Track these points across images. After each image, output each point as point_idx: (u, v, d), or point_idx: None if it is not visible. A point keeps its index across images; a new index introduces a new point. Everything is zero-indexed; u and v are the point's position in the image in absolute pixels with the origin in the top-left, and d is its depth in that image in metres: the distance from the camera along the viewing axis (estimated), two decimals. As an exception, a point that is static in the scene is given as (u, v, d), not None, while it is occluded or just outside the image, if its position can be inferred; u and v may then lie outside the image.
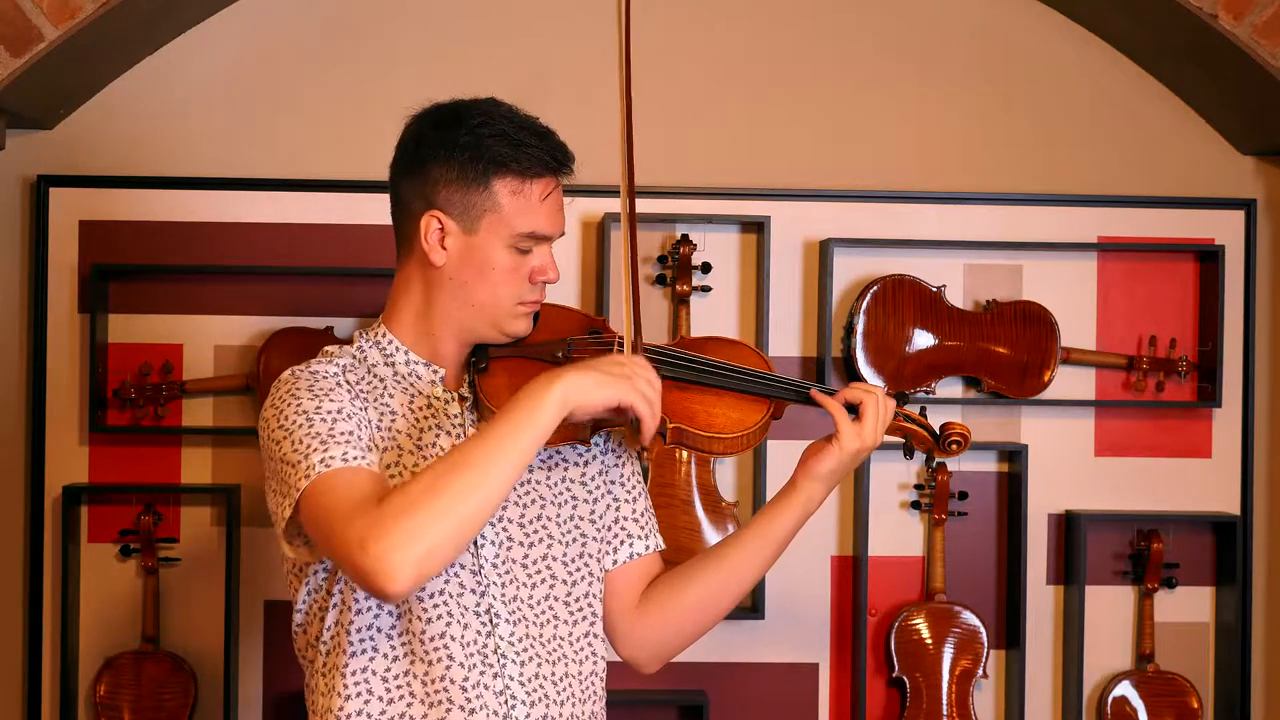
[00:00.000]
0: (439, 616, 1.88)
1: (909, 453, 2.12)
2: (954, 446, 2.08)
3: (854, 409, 2.04)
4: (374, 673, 1.90)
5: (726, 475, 3.19)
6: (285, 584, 1.99)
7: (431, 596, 1.89)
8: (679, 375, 2.03)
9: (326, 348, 2.01)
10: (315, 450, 1.81)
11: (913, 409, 2.10)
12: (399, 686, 1.89)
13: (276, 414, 1.88)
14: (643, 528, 2.09)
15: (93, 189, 3.11)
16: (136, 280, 3.14)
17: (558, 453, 2.03)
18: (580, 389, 1.81)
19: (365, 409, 1.91)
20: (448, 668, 1.88)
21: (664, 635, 2.09)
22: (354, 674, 1.90)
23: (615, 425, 2.00)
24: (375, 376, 1.97)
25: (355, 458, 1.82)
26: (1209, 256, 3.23)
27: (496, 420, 1.80)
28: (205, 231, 3.13)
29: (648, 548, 2.10)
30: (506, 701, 1.90)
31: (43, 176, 3.10)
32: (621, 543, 2.08)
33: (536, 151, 1.93)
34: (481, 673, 1.89)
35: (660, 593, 2.08)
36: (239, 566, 3.10)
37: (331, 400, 1.87)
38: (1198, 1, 2.91)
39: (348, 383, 1.92)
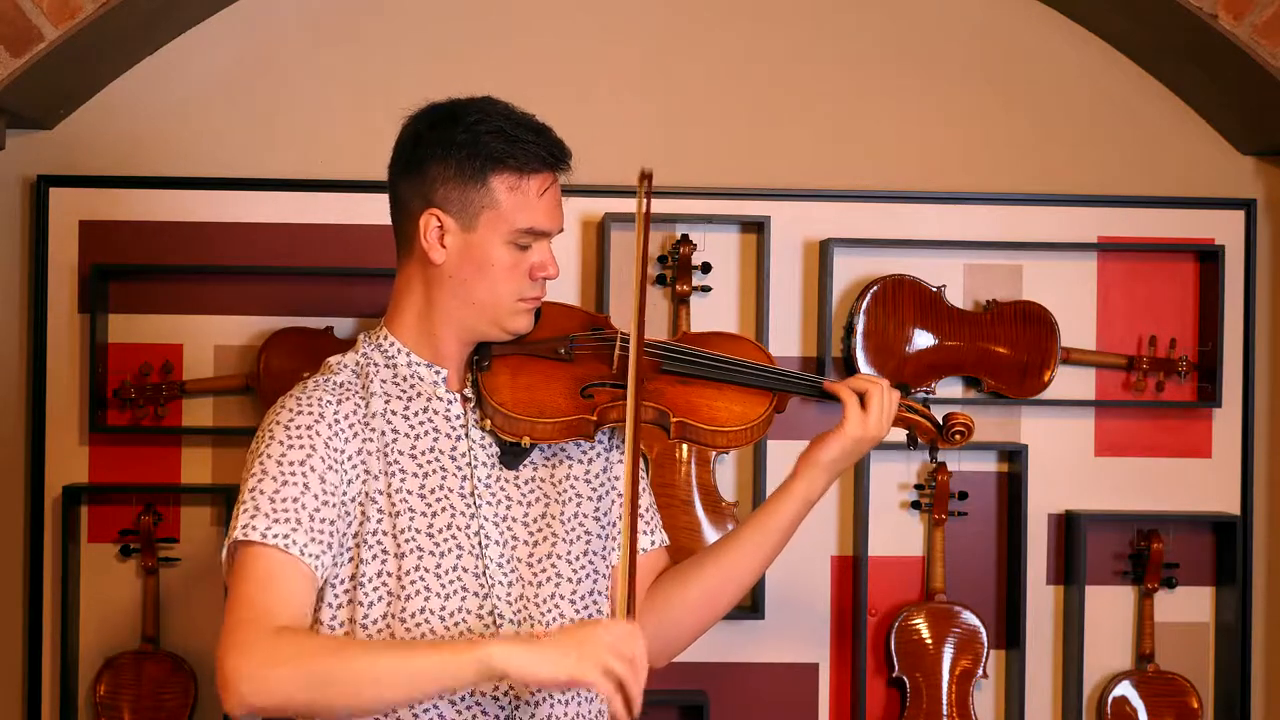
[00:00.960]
0: (421, 636, 1.88)
1: (912, 443, 2.13)
2: (957, 437, 2.09)
3: (860, 399, 2.05)
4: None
5: (726, 475, 3.19)
6: None
7: (413, 615, 1.88)
8: (682, 370, 2.04)
9: (329, 360, 2.01)
10: (247, 511, 1.84)
11: (916, 400, 2.12)
12: (385, 716, 1.89)
13: (255, 444, 1.91)
14: (648, 524, 2.09)
15: (93, 189, 3.11)
16: (136, 280, 3.13)
17: (561, 449, 2.03)
18: (520, 661, 1.72)
19: (345, 445, 1.91)
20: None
21: (669, 630, 2.09)
22: None
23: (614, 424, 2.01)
24: (373, 390, 1.96)
25: (279, 535, 1.82)
26: (1209, 256, 3.23)
27: (420, 647, 1.80)
28: (205, 231, 3.13)
29: (652, 544, 2.10)
30: (511, 702, 1.90)
31: (43, 176, 3.10)
32: (628, 539, 2.08)
33: (533, 147, 1.93)
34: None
35: (665, 588, 2.08)
36: (239, 566, 3.10)
37: (300, 448, 1.88)
38: (1198, 1, 2.91)
39: (337, 416, 1.92)
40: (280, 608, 1.80)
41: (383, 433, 1.94)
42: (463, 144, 1.92)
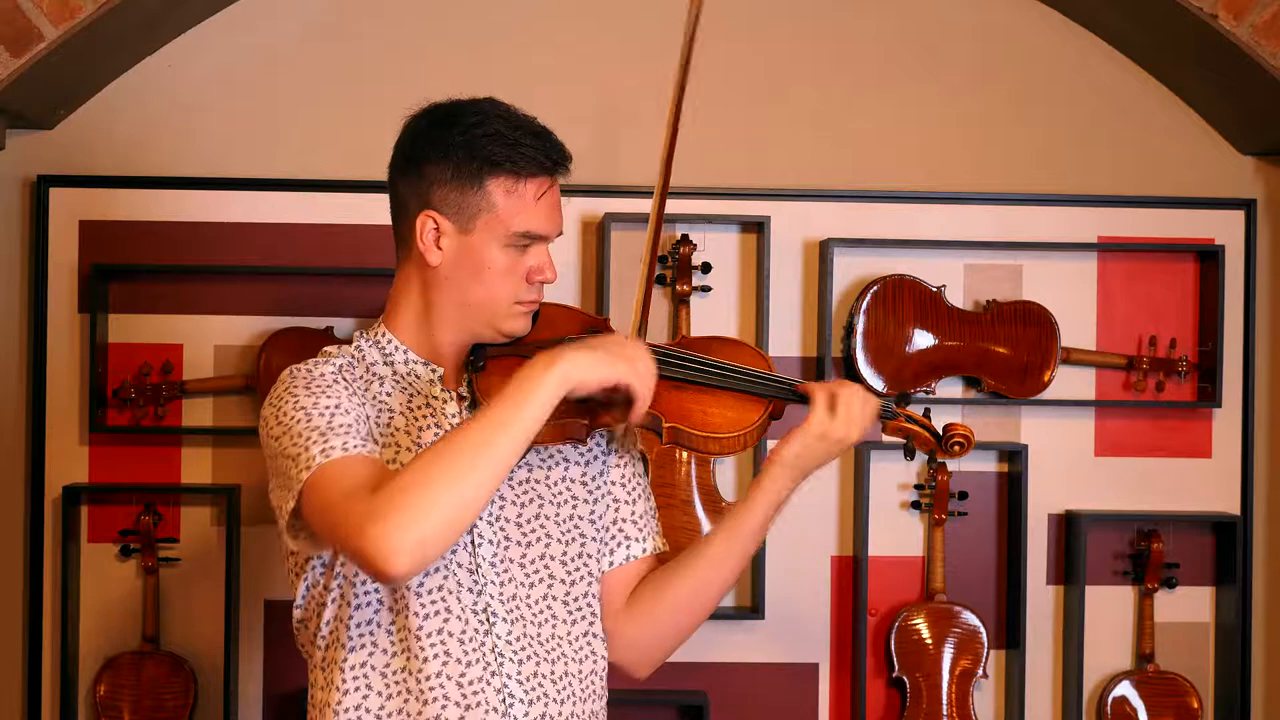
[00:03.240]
0: (435, 613, 1.89)
1: (910, 454, 2.09)
2: (956, 448, 2.06)
3: (830, 399, 2.03)
4: (373, 668, 1.90)
5: (727, 475, 3.19)
6: (286, 581, 1.99)
7: (430, 592, 1.89)
8: (676, 374, 2.02)
9: (325, 349, 2.02)
10: (315, 443, 1.81)
11: (916, 409, 2.08)
12: (397, 682, 1.89)
13: (275, 411, 1.88)
14: (641, 530, 2.09)
15: (93, 189, 3.11)
16: (136, 280, 3.14)
17: (559, 451, 2.03)
18: (581, 366, 1.81)
19: (364, 404, 1.92)
20: (444, 664, 1.88)
21: (649, 634, 2.07)
22: (352, 668, 1.90)
23: (610, 420, 1.99)
24: (374, 375, 1.98)
25: (355, 446, 1.82)
26: (1209, 256, 3.23)
27: (496, 400, 1.80)
28: (205, 231, 3.13)
29: (645, 550, 2.09)
30: (505, 700, 1.90)
31: (43, 176, 3.10)
32: (619, 544, 2.07)
33: (531, 151, 1.92)
34: (482, 669, 1.89)
35: (644, 594, 2.07)
36: (239, 566, 3.10)
37: (329, 396, 1.88)
38: (1198, 1, 2.91)
39: (345, 380, 1.93)
40: (373, 480, 1.78)
41: (383, 418, 1.94)
42: (459, 146, 1.91)
